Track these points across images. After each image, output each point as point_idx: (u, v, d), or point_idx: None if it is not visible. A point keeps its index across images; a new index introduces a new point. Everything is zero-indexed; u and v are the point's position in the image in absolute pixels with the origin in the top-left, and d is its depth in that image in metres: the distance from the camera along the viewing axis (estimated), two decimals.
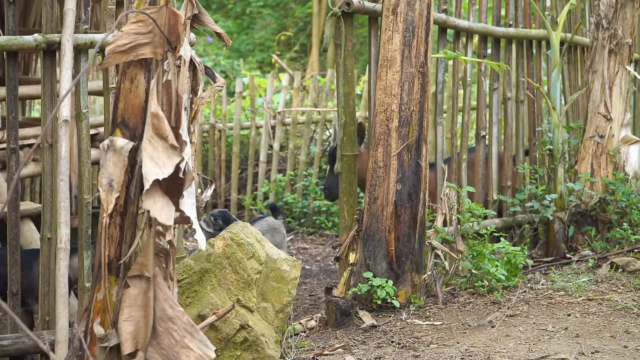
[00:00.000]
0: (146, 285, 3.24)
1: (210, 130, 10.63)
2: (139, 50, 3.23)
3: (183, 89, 3.30)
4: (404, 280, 5.30)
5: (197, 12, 3.45)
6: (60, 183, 4.14)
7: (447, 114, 8.77)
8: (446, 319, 5.10)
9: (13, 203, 4.35)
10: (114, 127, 3.29)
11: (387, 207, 5.26)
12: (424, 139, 5.31)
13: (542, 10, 7.34)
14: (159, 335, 3.22)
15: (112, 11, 4.52)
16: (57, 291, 4.04)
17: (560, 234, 6.76)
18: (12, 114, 4.34)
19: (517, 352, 4.33)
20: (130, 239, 3.30)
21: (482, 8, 6.76)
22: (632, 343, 4.45)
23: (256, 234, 4.43)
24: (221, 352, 4.18)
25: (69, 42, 4.25)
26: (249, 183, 10.40)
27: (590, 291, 5.49)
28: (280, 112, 10.41)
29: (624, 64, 6.97)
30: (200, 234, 3.26)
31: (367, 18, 5.62)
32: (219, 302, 4.18)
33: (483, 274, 5.54)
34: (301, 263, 5.15)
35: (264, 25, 18.55)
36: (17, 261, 4.36)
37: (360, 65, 15.36)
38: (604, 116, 6.94)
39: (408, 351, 4.51)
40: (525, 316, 5.05)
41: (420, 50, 5.28)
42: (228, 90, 13.02)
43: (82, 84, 4.38)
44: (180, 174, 3.20)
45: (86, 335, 3.31)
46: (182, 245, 4.81)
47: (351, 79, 5.49)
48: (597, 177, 6.84)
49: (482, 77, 6.77)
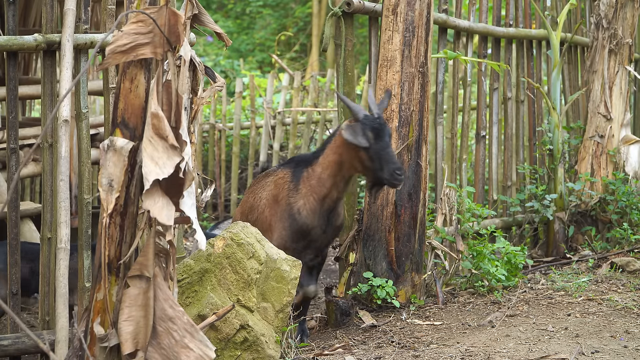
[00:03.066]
0: (146, 285, 3.24)
1: (210, 130, 10.63)
2: (139, 50, 3.23)
3: (183, 89, 3.30)
4: (404, 280, 5.30)
5: (197, 12, 3.45)
6: (60, 183, 4.14)
7: (447, 114, 8.76)
8: (446, 319, 5.10)
9: (13, 203, 4.34)
10: (114, 127, 3.29)
11: (387, 207, 5.27)
12: (424, 139, 5.31)
13: (542, 10, 7.34)
14: (159, 335, 3.22)
15: (112, 11, 4.52)
16: (57, 291, 4.04)
17: (560, 234, 6.77)
18: (12, 114, 4.34)
19: (517, 352, 4.33)
20: (130, 239, 3.30)
21: (482, 8, 6.76)
22: (632, 343, 4.45)
23: (256, 233, 4.43)
24: (221, 352, 4.18)
25: (69, 42, 4.25)
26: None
27: (590, 291, 5.49)
28: (280, 112, 10.41)
29: (624, 64, 6.97)
30: (200, 233, 3.26)
31: (367, 18, 5.62)
32: (219, 302, 4.18)
33: (483, 274, 5.54)
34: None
35: (264, 25, 18.55)
36: (17, 261, 4.36)
37: (360, 65, 15.36)
38: (604, 116, 6.94)
39: (408, 351, 4.51)
40: (525, 316, 5.05)
41: (420, 50, 5.28)
42: (228, 90, 13.02)
43: (82, 84, 4.38)
44: (180, 174, 3.20)
45: (86, 335, 3.31)
46: (182, 245, 4.81)
47: (351, 79, 5.49)
48: (597, 177, 6.84)
49: (482, 77, 6.77)
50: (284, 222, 4.86)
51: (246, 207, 5.17)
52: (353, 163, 4.74)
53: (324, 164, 4.83)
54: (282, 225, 4.88)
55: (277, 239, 4.85)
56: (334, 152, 4.80)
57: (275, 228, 4.90)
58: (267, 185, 5.06)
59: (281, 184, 4.96)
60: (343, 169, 4.78)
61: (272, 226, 4.93)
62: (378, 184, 4.80)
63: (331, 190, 4.82)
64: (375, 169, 4.67)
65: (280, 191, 4.94)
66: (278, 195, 4.94)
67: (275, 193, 4.95)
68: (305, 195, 4.84)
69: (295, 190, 4.88)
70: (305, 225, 4.84)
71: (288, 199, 4.88)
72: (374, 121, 4.65)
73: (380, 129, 4.65)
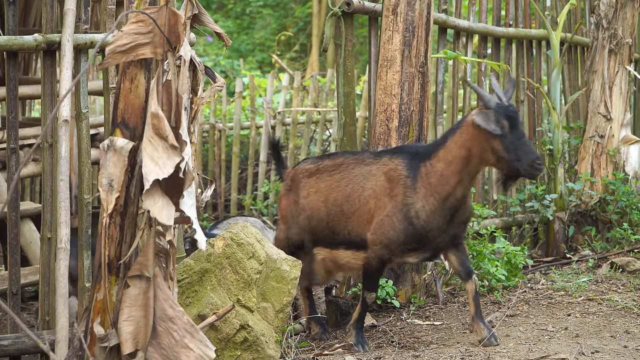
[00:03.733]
0: (146, 285, 3.24)
1: (210, 130, 10.63)
2: (139, 50, 3.23)
3: (183, 89, 3.30)
4: (404, 280, 5.30)
5: (197, 12, 3.45)
6: (60, 183, 4.14)
7: (447, 114, 8.77)
8: (446, 319, 5.10)
9: (13, 203, 4.34)
10: (114, 127, 3.29)
11: None
12: (424, 139, 5.31)
13: (542, 10, 7.34)
14: (159, 335, 3.22)
15: (112, 11, 4.52)
16: (57, 291, 4.03)
17: (560, 234, 6.77)
18: (12, 114, 4.34)
19: (517, 352, 4.33)
20: (130, 239, 3.30)
21: (482, 8, 6.76)
22: (632, 343, 4.45)
23: (256, 233, 4.43)
24: (221, 352, 4.18)
25: (69, 42, 4.25)
26: (249, 183, 10.41)
27: (590, 291, 5.49)
28: (280, 112, 10.41)
29: (624, 64, 6.97)
30: (200, 233, 3.26)
31: (367, 18, 5.62)
32: (219, 302, 4.18)
33: (483, 274, 5.54)
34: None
35: (264, 25, 18.55)
36: (17, 261, 4.36)
37: (360, 65, 15.36)
38: (604, 116, 6.94)
39: (408, 351, 4.51)
40: (525, 316, 5.05)
41: (420, 50, 5.28)
42: (228, 90, 13.02)
43: (82, 84, 4.38)
44: (180, 174, 3.20)
45: (86, 335, 3.31)
46: (182, 245, 4.81)
47: (351, 79, 5.49)
48: (597, 177, 6.84)
49: (482, 77, 6.77)
50: (396, 223, 4.48)
51: (337, 196, 4.71)
52: (484, 156, 4.40)
53: (447, 159, 4.46)
54: (391, 224, 4.50)
55: (380, 236, 4.50)
56: (459, 145, 4.43)
57: (381, 224, 4.52)
58: (372, 175, 4.63)
59: (395, 177, 4.54)
60: (471, 164, 4.43)
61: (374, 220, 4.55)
62: (514, 177, 4.46)
63: (455, 189, 4.45)
64: (511, 159, 4.34)
65: (394, 186, 4.53)
66: (392, 190, 4.53)
67: (389, 187, 4.55)
68: (424, 196, 4.46)
69: (412, 189, 4.49)
70: (422, 229, 4.47)
71: (405, 198, 4.49)
72: (508, 109, 4.35)
73: (515, 117, 4.36)
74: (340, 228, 4.71)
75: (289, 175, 5.03)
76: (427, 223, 4.46)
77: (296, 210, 4.89)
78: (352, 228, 4.66)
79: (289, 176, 5.02)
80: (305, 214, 4.84)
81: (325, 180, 4.78)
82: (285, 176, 5.05)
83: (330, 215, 4.72)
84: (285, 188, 5.01)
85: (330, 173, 4.78)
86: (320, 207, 4.78)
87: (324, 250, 4.82)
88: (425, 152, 4.56)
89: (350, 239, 4.68)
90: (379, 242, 4.51)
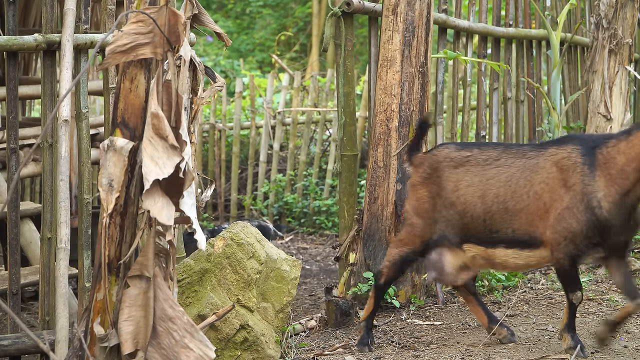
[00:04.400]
0: (146, 285, 3.24)
1: (210, 130, 10.64)
2: (139, 50, 3.23)
3: (183, 89, 3.30)
4: (404, 280, 5.30)
5: (197, 12, 3.45)
6: (60, 183, 4.14)
7: (447, 114, 8.76)
8: (446, 319, 5.10)
9: (13, 203, 4.35)
10: (114, 127, 3.29)
11: (388, 207, 5.27)
12: (424, 139, 5.31)
13: (542, 10, 7.34)
14: (159, 335, 3.22)
15: (112, 11, 4.52)
16: (57, 291, 4.03)
17: None
18: (12, 114, 4.34)
19: (517, 352, 4.33)
20: (130, 239, 3.30)
21: (482, 8, 6.76)
22: (632, 343, 4.45)
23: (256, 233, 4.43)
24: (221, 352, 4.18)
25: (69, 42, 4.25)
26: (249, 183, 10.41)
27: (590, 291, 5.49)
28: (280, 112, 10.41)
29: (624, 64, 6.97)
30: (200, 233, 3.26)
31: (367, 18, 5.62)
32: (219, 302, 4.18)
33: (483, 274, 5.54)
34: (301, 263, 5.15)
35: (264, 25, 18.55)
36: (17, 261, 4.36)
37: (360, 65, 15.36)
38: (604, 116, 6.94)
39: (408, 351, 4.51)
40: (525, 316, 5.05)
41: (420, 50, 5.28)
42: (228, 90, 13.02)
43: (82, 84, 4.38)
44: (180, 174, 3.20)
45: (86, 335, 3.31)
46: (182, 245, 4.81)
47: (351, 79, 5.49)
48: None
49: (482, 77, 6.77)
50: (578, 215, 4.14)
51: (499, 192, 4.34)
52: None
53: (630, 154, 4.11)
54: (573, 216, 4.16)
55: (563, 232, 4.17)
56: None
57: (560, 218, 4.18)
58: (541, 167, 4.27)
59: (570, 166, 4.20)
60: None
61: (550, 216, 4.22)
62: None
63: (636, 186, 4.12)
64: None
65: (570, 175, 4.19)
66: (567, 180, 4.19)
67: (563, 177, 4.21)
68: (605, 185, 4.13)
69: (591, 177, 4.15)
70: (605, 220, 4.13)
71: (584, 187, 4.15)
72: None
73: None
74: (502, 226, 4.35)
75: (425, 162, 4.56)
76: (609, 213, 4.14)
77: (441, 204, 4.48)
78: (519, 226, 4.32)
79: (426, 163, 4.55)
80: (456, 210, 4.44)
81: (478, 174, 4.41)
82: (420, 162, 4.58)
83: (490, 213, 4.36)
84: (423, 176, 4.55)
85: (484, 166, 4.42)
86: (477, 203, 4.41)
87: (476, 248, 4.43)
88: (599, 140, 4.24)
89: (515, 237, 4.33)
90: (563, 239, 4.20)
